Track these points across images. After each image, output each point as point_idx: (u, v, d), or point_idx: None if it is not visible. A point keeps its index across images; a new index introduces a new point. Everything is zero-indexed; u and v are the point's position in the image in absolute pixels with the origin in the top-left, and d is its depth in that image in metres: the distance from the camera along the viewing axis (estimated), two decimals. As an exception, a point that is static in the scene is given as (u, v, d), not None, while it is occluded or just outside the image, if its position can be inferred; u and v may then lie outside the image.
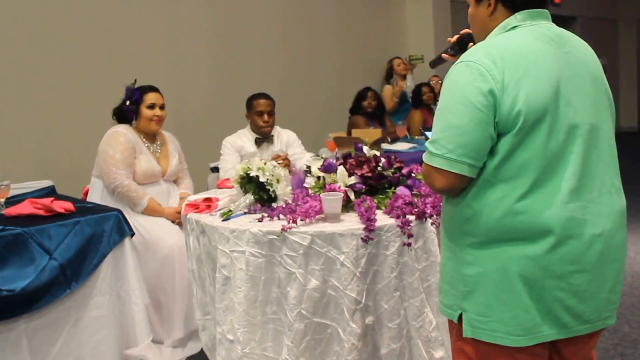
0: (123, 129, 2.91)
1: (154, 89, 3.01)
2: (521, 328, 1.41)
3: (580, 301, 1.41)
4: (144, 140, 2.99)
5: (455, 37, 1.75)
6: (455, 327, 1.52)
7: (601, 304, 1.45)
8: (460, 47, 1.72)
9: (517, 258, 1.39)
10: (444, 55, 1.80)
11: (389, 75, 6.00)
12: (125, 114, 2.97)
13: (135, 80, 3.02)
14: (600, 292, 1.44)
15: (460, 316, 1.48)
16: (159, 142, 3.08)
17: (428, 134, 1.65)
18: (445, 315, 1.56)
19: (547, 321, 1.41)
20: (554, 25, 1.49)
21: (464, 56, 1.43)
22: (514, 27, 1.46)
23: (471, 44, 1.68)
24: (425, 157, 1.44)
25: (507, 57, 1.37)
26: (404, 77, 5.94)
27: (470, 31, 1.65)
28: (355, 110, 4.93)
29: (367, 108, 4.82)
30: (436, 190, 1.47)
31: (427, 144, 1.44)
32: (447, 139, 1.38)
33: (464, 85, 1.39)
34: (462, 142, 1.36)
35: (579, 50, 1.47)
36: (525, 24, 1.45)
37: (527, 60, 1.38)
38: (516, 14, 1.46)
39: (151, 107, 2.96)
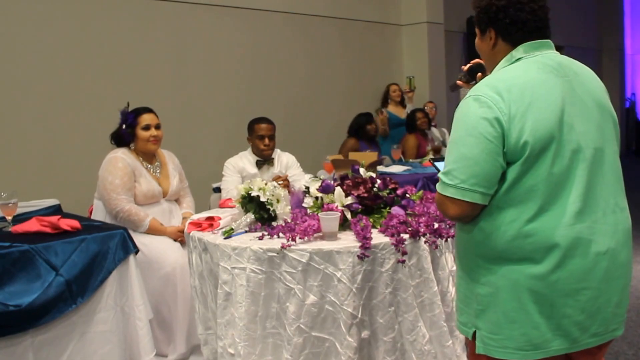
0: (121, 154, 2.95)
1: (147, 110, 3.05)
2: (531, 344, 1.47)
3: (588, 316, 1.47)
4: (143, 162, 3.03)
5: (468, 65, 1.85)
6: (470, 344, 1.58)
7: (608, 317, 1.51)
8: (471, 75, 1.84)
9: (526, 277, 1.45)
10: (457, 82, 1.90)
11: (385, 99, 6.11)
12: (122, 137, 3.01)
13: (128, 104, 3.06)
14: (607, 307, 1.50)
15: (474, 334, 1.54)
16: (158, 163, 3.12)
17: (438, 164, 1.72)
18: (461, 332, 1.62)
19: (557, 336, 1.47)
20: (556, 54, 1.56)
21: (472, 90, 1.51)
22: (517, 60, 1.53)
23: (480, 74, 1.78)
24: (438, 187, 1.50)
25: (512, 89, 1.44)
26: (398, 103, 6.05)
27: (480, 61, 1.75)
28: (356, 132, 5.05)
29: (370, 132, 4.99)
30: (449, 218, 1.53)
31: (440, 174, 1.51)
32: (459, 169, 1.45)
33: (473, 118, 1.45)
34: (474, 172, 1.43)
35: (582, 77, 1.54)
36: (528, 56, 1.53)
37: (532, 91, 1.44)
38: (519, 46, 1.54)
39: (146, 128, 2.99)
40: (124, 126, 3.01)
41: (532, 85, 1.46)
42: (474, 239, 1.52)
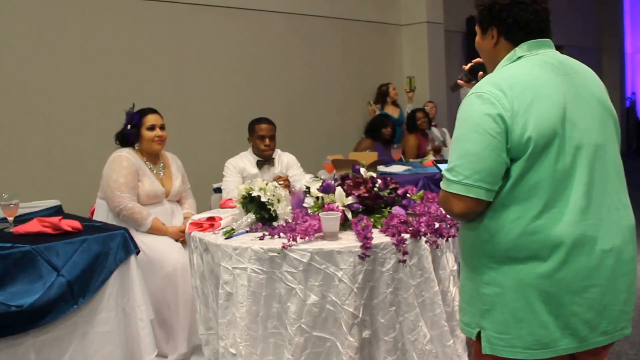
0: (126, 153, 2.98)
1: (153, 111, 3.09)
2: (539, 343, 1.46)
3: (596, 314, 1.47)
4: (147, 162, 3.06)
5: (469, 65, 1.85)
6: (474, 344, 1.57)
7: (616, 315, 1.51)
8: (472, 74, 1.84)
9: (533, 276, 1.45)
10: (459, 81, 1.90)
11: (384, 99, 6.07)
12: (127, 137, 3.04)
13: (134, 105, 3.09)
14: (614, 304, 1.50)
15: (479, 334, 1.54)
16: (162, 164, 3.15)
17: (441, 166, 1.70)
18: (464, 333, 1.61)
19: (566, 335, 1.46)
20: (557, 52, 1.59)
21: (475, 88, 1.52)
22: (519, 58, 1.55)
23: (481, 72, 1.78)
24: (443, 185, 1.50)
25: (514, 86, 1.45)
26: (392, 103, 6.06)
27: (481, 60, 1.75)
28: (372, 134, 5.09)
29: (385, 135, 5.07)
30: (454, 215, 1.52)
31: (444, 171, 1.50)
32: (463, 165, 1.45)
33: (476, 114, 1.46)
34: (478, 168, 1.43)
35: (582, 75, 1.56)
36: (530, 54, 1.54)
37: (534, 88, 1.46)
38: (521, 45, 1.55)
39: (151, 128, 3.03)
40: (129, 126, 3.04)
41: (534, 83, 1.47)
42: (480, 238, 1.51)
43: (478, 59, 1.78)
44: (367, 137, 5.16)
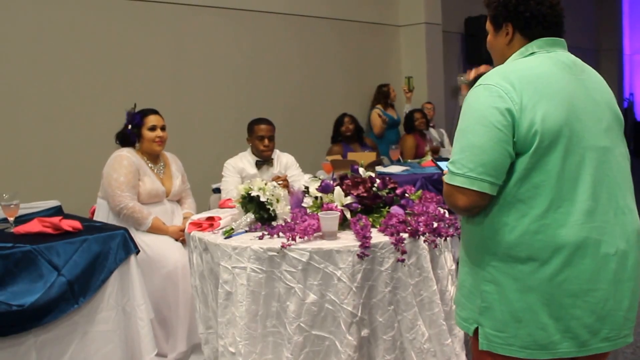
0: (126, 152, 2.99)
1: (154, 112, 3.10)
2: (537, 344, 1.44)
3: (598, 319, 1.44)
4: (148, 162, 3.08)
5: (473, 75, 1.82)
6: (473, 339, 1.56)
7: (620, 321, 1.47)
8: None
9: (534, 278, 1.42)
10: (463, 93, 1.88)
11: (383, 99, 6.06)
12: (128, 137, 3.06)
13: (135, 105, 3.11)
14: (618, 310, 1.46)
15: (476, 330, 1.52)
16: (162, 164, 3.17)
17: (441, 164, 1.69)
18: (460, 327, 1.60)
19: (566, 339, 1.43)
20: (570, 54, 1.57)
21: (483, 79, 1.48)
22: (532, 53, 1.53)
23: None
24: (446, 178, 1.47)
25: (524, 80, 1.43)
26: (390, 105, 6.08)
27: (486, 68, 1.73)
28: (335, 138, 5.10)
29: (345, 132, 5.04)
30: (458, 210, 1.49)
31: (447, 164, 1.48)
32: (467, 158, 1.42)
33: (483, 106, 1.43)
34: (482, 161, 1.40)
35: (593, 78, 1.55)
36: (543, 51, 1.53)
37: (544, 83, 1.44)
38: (535, 41, 1.53)
39: (152, 129, 3.05)
40: (129, 126, 3.05)
41: (544, 78, 1.45)
42: (483, 234, 1.49)
43: (483, 67, 1.76)
44: (333, 143, 5.12)
